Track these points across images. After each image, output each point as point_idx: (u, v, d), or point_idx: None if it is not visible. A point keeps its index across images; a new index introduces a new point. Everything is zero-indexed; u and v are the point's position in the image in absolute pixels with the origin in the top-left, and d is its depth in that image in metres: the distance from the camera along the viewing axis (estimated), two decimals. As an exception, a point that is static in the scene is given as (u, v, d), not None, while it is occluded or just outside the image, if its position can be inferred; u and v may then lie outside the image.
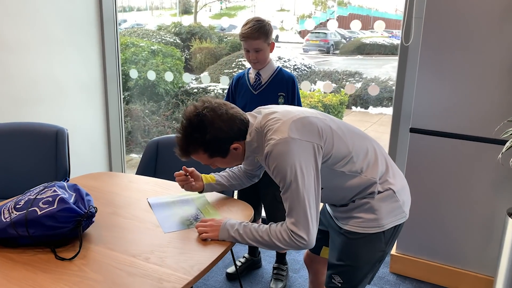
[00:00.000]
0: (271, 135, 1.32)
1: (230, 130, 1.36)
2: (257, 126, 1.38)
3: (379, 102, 5.78)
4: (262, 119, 1.38)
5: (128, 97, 4.91)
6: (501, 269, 2.08)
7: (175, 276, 1.23)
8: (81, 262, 1.29)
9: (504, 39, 2.03)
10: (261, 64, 2.18)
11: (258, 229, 1.37)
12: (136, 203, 1.70)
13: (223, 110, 1.37)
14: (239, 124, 1.38)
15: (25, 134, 2.29)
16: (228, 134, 1.36)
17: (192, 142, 1.37)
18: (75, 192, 1.45)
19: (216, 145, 1.37)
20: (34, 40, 2.79)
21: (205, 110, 1.35)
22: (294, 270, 2.56)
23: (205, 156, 1.40)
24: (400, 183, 1.45)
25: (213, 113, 1.35)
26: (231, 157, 1.42)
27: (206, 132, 1.34)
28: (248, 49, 2.13)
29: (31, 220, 1.32)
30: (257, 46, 2.11)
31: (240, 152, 1.41)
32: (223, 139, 1.36)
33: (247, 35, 2.09)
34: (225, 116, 1.36)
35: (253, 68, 2.22)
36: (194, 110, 1.36)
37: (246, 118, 1.41)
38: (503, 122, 2.10)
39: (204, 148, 1.37)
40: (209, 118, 1.34)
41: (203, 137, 1.34)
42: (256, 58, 2.13)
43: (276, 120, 1.34)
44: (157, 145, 2.26)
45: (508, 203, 2.20)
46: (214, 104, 1.37)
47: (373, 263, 1.46)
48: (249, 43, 2.11)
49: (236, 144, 1.39)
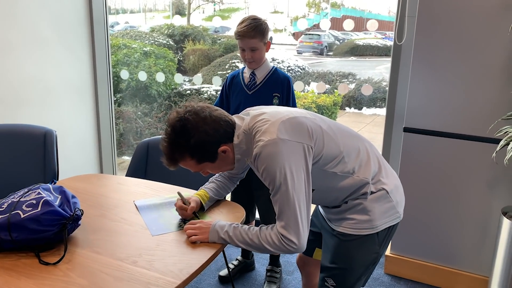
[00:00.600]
0: (259, 136, 1.28)
1: (216, 132, 1.32)
2: (245, 128, 1.34)
3: (373, 103, 5.78)
4: (250, 121, 1.34)
5: (120, 99, 4.87)
6: (496, 269, 2.06)
7: (163, 280, 1.19)
8: (66, 266, 1.25)
9: (497, 37, 2.02)
10: (256, 64, 2.14)
11: (248, 231, 1.34)
12: (124, 205, 1.66)
13: (207, 112, 1.33)
14: (224, 126, 1.34)
15: (13, 135, 2.24)
16: (213, 137, 1.32)
17: (177, 148, 1.32)
18: (61, 195, 1.41)
19: (203, 149, 1.32)
20: (23, 41, 2.74)
21: (187, 114, 1.31)
22: (288, 272, 2.53)
23: (193, 163, 1.35)
24: (393, 183, 1.42)
25: (195, 116, 1.31)
26: (220, 161, 1.37)
27: (190, 136, 1.30)
28: (243, 48, 2.09)
29: (14, 223, 1.27)
30: (253, 45, 2.06)
31: (229, 155, 1.36)
32: (209, 142, 1.32)
33: (243, 33, 2.05)
34: (209, 118, 1.32)
35: (248, 68, 2.18)
36: (177, 115, 1.32)
37: (231, 120, 1.37)
38: (496, 120, 2.09)
39: (191, 153, 1.32)
40: (192, 122, 1.30)
41: (188, 142, 1.30)
42: (251, 57, 2.09)
43: (264, 121, 1.31)
44: (147, 146, 2.22)
45: (502, 202, 2.18)
46: (196, 108, 1.33)
47: (367, 266, 1.43)
48: (245, 42, 2.06)
49: (224, 146, 1.34)
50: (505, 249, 2.00)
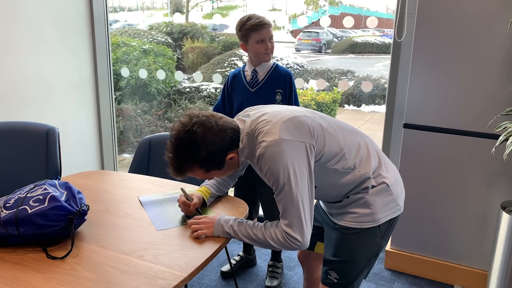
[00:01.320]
0: (262, 137, 1.30)
1: (223, 141, 1.32)
2: (247, 131, 1.35)
3: (372, 100, 5.80)
4: (252, 123, 1.35)
5: (119, 97, 4.87)
6: (495, 263, 2.08)
7: (169, 273, 1.21)
8: (74, 260, 1.27)
9: (495, 34, 2.04)
10: (271, 56, 2.17)
11: (253, 227, 1.36)
12: (128, 201, 1.68)
13: (213, 122, 1.32)
14: (231, 134, 1.34)
15: (16, 133, 2.25)
16: (221, 147, 1.32)
17: (186, 161, 1.32)
18: (67, 190, 1.43)
19: (212, 159, 1.33)
20: (25, 39, 2.75)
21: (194, 127, 1.30)
22: (289, 267, 2.55)
23: (201, 172, 1.36)
24: (393, 176, 1.44)
25: (203, 127, 1.30)
26: (227, 167, 1.38)
27: (199, 148, 1.30)
28: (263, 38, 2.08)
29: (21, 218, 1.29)
30: (272, 34, 2.11)
31: (235, 161, 1.38)
32: (217, 152, 1.32)
33: (262, 23, 2.06)
34: (216, 128, 1.32)
35: (265, 61, 2.17)
36: (183, 127, 1.31)
37: (236, 126, 1.38)
38: (496, 116, 2.11)
39: (200, 164, 1.33)
40: (200, 134, 1.29)
41: (196, 155, 1.30)
42: (272, 47, 2.12)
43: (266, 122, 1.32)
44: (149, 143, 2.23)
45: (501, 196, 2.21)
46: (202, 118, 1.32)
47: (369, 258, 1.45)
48: (266, 30, 2.08)
49: (231, 154, 1.35)
50: (504, 243, 2.02)
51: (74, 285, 1.15)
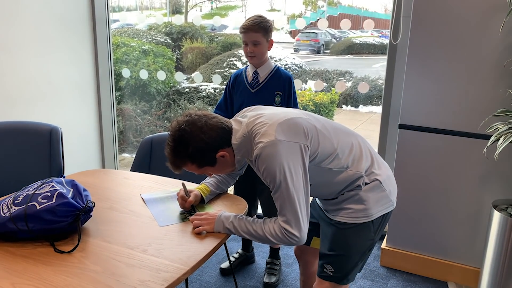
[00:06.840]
0: (259, 138, 1.36)
1: (212, 140, 1.40)
2: (244, 132, 1.42)
3: (369, 101, 5.85)
4: (248, 124, 1.42)
5: (119, 97, 4.91)
6: (487, 260, 2.14)
7: (172, 267, 1.27)
8: (81, 254, 1.32)
9: (489, 36, 2.10)
10: (258, 59, 2.19)
11: (252, 223, 1.42)
12: (132, 198, 1.73)
13: (203, 121, 1.41)
14: (221, 133, 1.42)
15: (19, 133, 2.30)
16: (210, 145, 1.40)
17: (178, 155, 1.42)
18: (73, 188, 1.48)
19: (201, 156, 1.41)
20: (27, 40, 2.80)
21: (184, 125, 1.40)
22: (287, 264, 2.61)
23: (194, 167, 1.44)
24: (385, 173, 1.51)
25: (192, 126, 1.39)
26: (220, 164, 1.46)
27: (188, 145, 1.39)
28: (246, 41, 2.15)
29: (30, 214, 1.34)
30: (256, 39, 2.13)
31: (228, 159, 1.45)
32: (206, 149, 1.40)
33: (247, 26, 2.12)
34: (206, 127, 1.40)
35: (250, 63, 2.24)
36: (176, 125, 1.41)
37: (228, 126, 1.45)
38: (487, 117, 2.17)
39: (191, 160, 1.42)
40: (189, 132, 1.39)
41: (186, 150, 1.39)
42: (253, 51, 2.15)
43: (262, 124, 1.39)
44: (151, 142, 2.29)
45: (493, 195, 2.27)
46: (194, 117, 1.41)
47: (363, 252, 1.51)
48: (249, 35, 2.13)
49: (222, 152, 1.42)
50: (496, 241, 2.07)
51: (81, 277, 1.21)
